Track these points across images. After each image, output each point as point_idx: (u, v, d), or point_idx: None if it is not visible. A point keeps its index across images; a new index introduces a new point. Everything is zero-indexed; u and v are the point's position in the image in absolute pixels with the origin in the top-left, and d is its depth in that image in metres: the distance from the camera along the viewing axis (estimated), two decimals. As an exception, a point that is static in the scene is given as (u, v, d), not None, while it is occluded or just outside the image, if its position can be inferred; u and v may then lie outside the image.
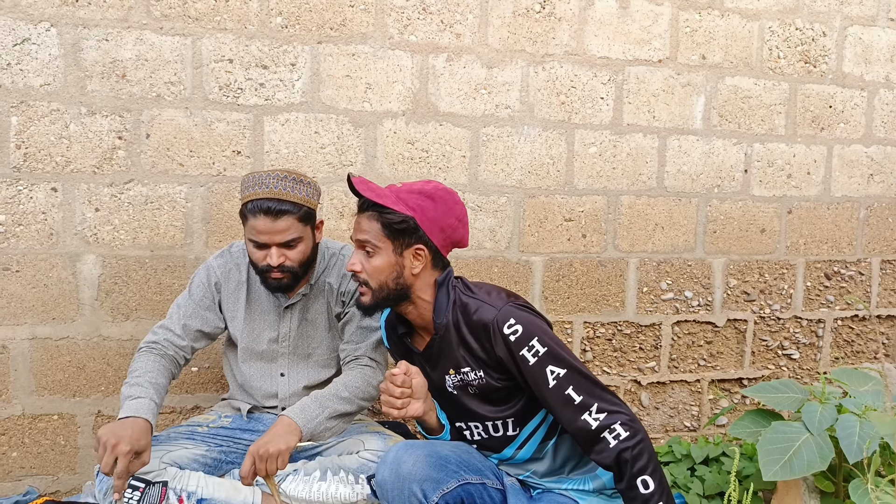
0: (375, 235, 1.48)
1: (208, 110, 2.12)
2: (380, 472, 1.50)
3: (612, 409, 1.41)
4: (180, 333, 1.79)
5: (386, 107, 2.25)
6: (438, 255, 1.52)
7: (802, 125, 2.64)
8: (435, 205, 1.49)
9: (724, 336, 2.66)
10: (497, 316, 1.44)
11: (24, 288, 2.05)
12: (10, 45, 1.97)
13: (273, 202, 1.66)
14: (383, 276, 1.49)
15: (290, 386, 1.86)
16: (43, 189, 2.03)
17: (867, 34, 2.66)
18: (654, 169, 2.50)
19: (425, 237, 1.48)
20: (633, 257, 2.52)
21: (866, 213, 2.75)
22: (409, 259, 1.49)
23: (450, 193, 1.53)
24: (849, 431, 1.52)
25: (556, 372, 1.41)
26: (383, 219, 1.47)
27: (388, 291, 1.50)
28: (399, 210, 1.46)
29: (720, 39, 2.52)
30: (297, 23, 2.16)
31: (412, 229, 1.47)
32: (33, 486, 2.11)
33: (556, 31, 2.36)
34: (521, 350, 1.42)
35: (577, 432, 1.42)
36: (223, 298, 1.85)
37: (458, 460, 1.52)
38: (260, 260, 1.72)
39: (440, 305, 1.52)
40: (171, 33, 2.07)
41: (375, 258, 1.49)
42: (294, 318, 1.85)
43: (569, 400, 1.40)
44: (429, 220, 1.48)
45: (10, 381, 2.06)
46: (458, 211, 1.53)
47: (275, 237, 1.68)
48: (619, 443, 1.37)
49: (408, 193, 1.50)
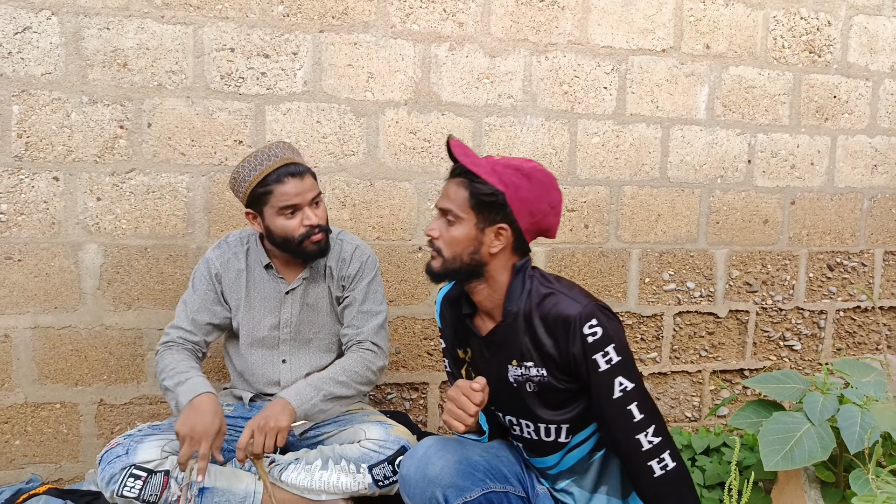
0: (460, 205, 1.39)
1: (210, 99, 2.11)
2: (406, 465, 1.49)
3: (666, 435, 1.37)
4: (191, 329, 1.80)
5: (388, 96, 2.24)
6: (521, 240, 1.42)
7: (806, 115, 2.62)
8: (530, 184, 1.39)
9: (726, 327, 2.66)
10: (581, 312, 1.36)
11: (27, 277, 2.05)
12: (12, 33, 1.97)
13: (292, 165, 1.71)
14: (459, 247, 1.41)
15: (293, 373, 1.86)
16: (45, 178, 2.03)
17: (872, 23, 2.64)
18: (657, 159, 2.49)
19: (512, 216, 1.39)
20: (635, 248, 2.52)
21: (870, 203, 2.74)
22: (489, 236, 1.40)
23: (548, 177, 1.43)
24: (850, 422, 1.52)
25: (625, 385, 1.35)
26: (472, 188, 1.38)
27: (459, 264, 1.42)
28: (491, 182, 1.37)
29: (724, 29, 2.50)
30: (299, 11, 2.15)
31: (499, 205, 1.38)
32: (36, 473, 2.12)
33: (559, 20, 2.35)
34: (596, 354, 1.35)
35: (624, 449, 1.38)
36: (225, 289, 1.85)
37: (486, 467, 1.49)
38: (297, 228, 1.72)
39: (514, 291, 1.43)
40: (172, 22, 2.06)
41: (455, 228, 1.40)
42: (295, 303, 1.86)
43: (629, 416, 1.35)
44: (520, 199, 1.38)
45: (12, 370, 2.07)
46: (554, 197, 1.42)
47: (306, 195, 1.72)
48: (665, 473, 1.35)
49: (504, 167, 1.40)
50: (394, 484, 1.71)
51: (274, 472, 1.72)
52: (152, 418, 2.17)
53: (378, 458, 1.70)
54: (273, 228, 1.74)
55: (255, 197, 1.72)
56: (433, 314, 2.36)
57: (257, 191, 1.71)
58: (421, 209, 2.31)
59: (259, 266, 1.85)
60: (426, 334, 2.37)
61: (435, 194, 2.31)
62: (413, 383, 2.39)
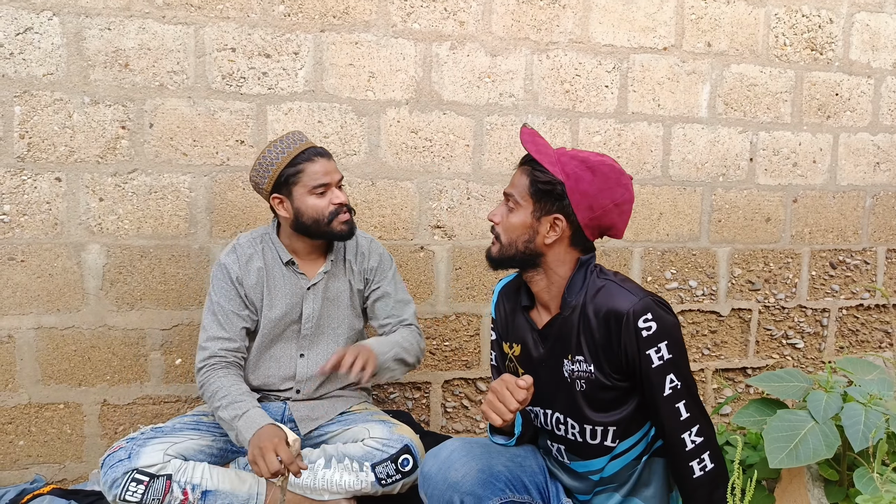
0: (521, 191, 1.39)
1: (211, 99, 2.11)
2: (428, 464, 1.48)
3: (708, 433, 1.37)
4: (229, 336, 1.78)
5: (389, 95, 2.24)
6: (580, 234, 1.39)
7: (808, 113, 2.62)
8: (593, 177, 1.35)
9: (729, 325, 2.65)
10: (635, 306, 1.33)
11: (30, 278, 2.05)
12: (13, 34, 1.97)
13: (319, 147, 1.80)
14: (515, 234, 1.40)
15: (308, 367, 1.86)
16: (47, 179, 2.03)
17: (874, 21, 2.63)
18: (658, 157, 2.49)
19: (569, 208, 1.36)
20: (637, 246, 2.51)
21: (872, 201, 2.73)
22: (545, 226, 1.38)
23: (616, 172, 1.38)
24: (854, 420, 1.52)
25: (675, 383, 1.34)
26: (532, 175, 1.37)
27: (515, 251, 1.41)
28: (551, 170, 1.35)
29: (726, 27, 2.50)
30: (300, 11, 2.15)
31: (557, 195, 1.36)
32: (40, 474, 2.12)
33: (560, 19, 2.35)
34: (649, 349, 1.33)
35: (670, 448, 1.38)
36: (248, 291, 1.83)
37: (508, 476, 1.48)
38: (327, 206, 1.76)
39: (575, 284, 1.41)
40: (173, 22, 2.06)
41: (514, 214, 1.40)
42: (317, 297, 1.86)
43: (677, 413, 1.35)
44: (580, 191, 1.35)
45: (16, 371, 2.07)
46: (618, 195, 1.37)
47: (334, 175, 1.79)
48: (704, 474, 1.36)
49: (570, 158, 1.38)
50: (396, 483, 1.71)
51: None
52: (155, 419, 2.17)
53: (381, 456, 1.70)
54: (304, 209, 1.75)
55: (285, 179, 1.75)
56: (436, 313, 2.36)
57: (287, 171, 1.75)
58: (422, 208, 2.31)
59: (279, 263, 1.84)
60: (429, 333, 2.37)
61: (436, 193, 2.31)
62: (416, 383, 2.39)
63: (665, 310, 1.37)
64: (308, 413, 1.85)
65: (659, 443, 1.46)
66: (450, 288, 2.37)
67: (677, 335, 1.36)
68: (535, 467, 1.57)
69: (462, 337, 2.40)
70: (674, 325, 1.36)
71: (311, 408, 1.86)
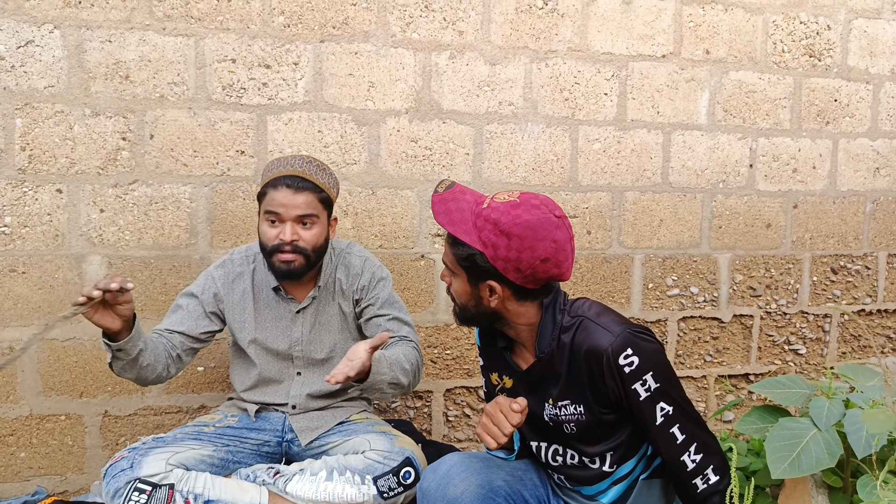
0: (451, 262, 1.37)
1: (212, 110, 2.12)
2: (427, 479, 1.48)
3: (710, 446, 1.36)
4: (168, 328, 1.80)
5: (389, 105, 2.25)
6: (522, 290, 1.34)
7: (808, 119, 2.62)
8: (509, 243, 1.28)
9: (731, 331, 2.65)
10: (613, 344, 1.30)
11: (31, 289, 2.05)
12: (15, 47, 1.98)
13: (297, 179, 1.72)
14: (463, 299, 1.39)
15: (304, 387, 1.86)
16: (48, 190, 2.04)
17: (872, 27, 2.64)
18: (658, 164, 2.49)
19: (499, 274, 1.31)
20: (638, 253, 2.51)
21: (872, 206, 2.73)
22: (484, 291, 1.35)
23: (533, 228, 1.28)
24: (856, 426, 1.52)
25: (666, 409, 1.33)
26: (454, 249, 1.35)
27: (471, 314, 1.40)
28: (469, 242, 1.31)
29: (724, 34, 2.50)
30: (300, 22, 2.15)
31: (480, 265, 1.31)
32: (41, 486, 2.12)
33: (558, 28, 2.36)
34: (635, 384, 1.31)
35: (672, 471, 1.38)
36: (227, 309, 1.83)
37: (508, 491, 1.47)
38: (272, 239, 1.72)
39: (544, 332, 1.37)
40: (173, 34, 2.07)
41: (455, 281, 1.39)
42: (306, 322, 1.85)
43: (672, 438, 1.34)
44: (501, 259, 1.30)
45: (17, 382, 2.07)
46: (543, 250, 1.28)
47: (291, 210, 1.71)
48: (707, 487, 1.35)
49: (484, 221, 1.31)
50: (398, 496, 1.70)
51: (279, 483, 1.71)
52: (156, 429, 2.17)
53: (383, 469, 1.69)
54: (259, 231, 1.77)
55: (259, 195, 1.77)
56: (437, 322, 2.36)
57: (262, 190, 1.76)
58: (423, 217, 2.31)
59: (267, 287, 1.84)
60: (430, 342, 2.36)
61: (437, 202, 2.31)
62: (417, 391, 2.39)
63: (645, 339, 1.34)
64: (308, 424, 1.85)
65: (657, 461, 1.45)
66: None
67: (661, 361, 1.34)
68: (536, 480, 1.56)
69: (463, 345, 2.40)
70: (656, 352, 1.34)
71: (311, 418, 1.86)
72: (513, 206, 1.31)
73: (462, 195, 1.37)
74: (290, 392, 1.86)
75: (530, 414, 1.44)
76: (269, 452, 1.85)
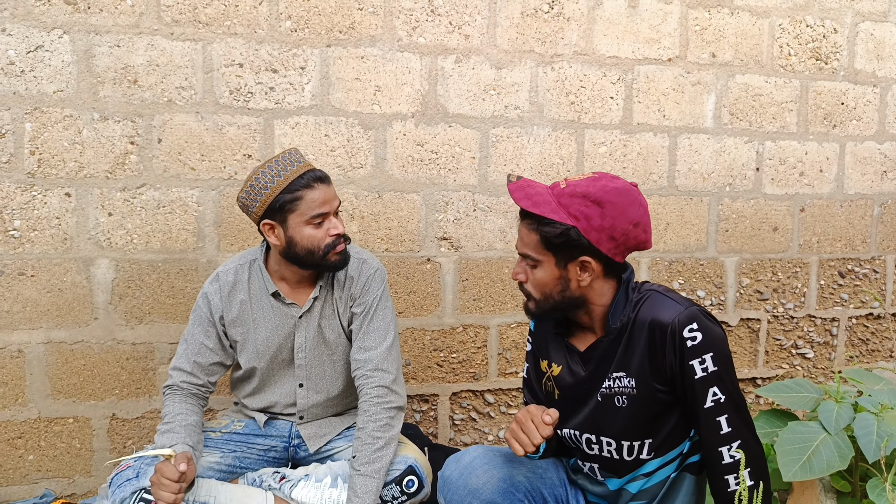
0: (534, 248, 1.34)
1: (219, 114, 2.13)
2: (450, 468, 1.49)
3: (754, 450, 1.34)
4: (192, 371, 1.74)
5: (395, 109, 2.25)
6: (612, 263, 1.35)
7: (814, 122, 2.62)
8: (602, 211, 1.29)
9: (738, 335, 2.64)
10: (679, 315, 1.29)
11: (39, 292, 2.06)
12: (24, 52, 1.99)
13: (318, 171, 1.65)
14: (547, 289, 1.36)
15: (309, 398, 1.83)
16: (57, 194, 2.05)
17: (879, 30, 2.63)
18: (664, 168, 2.49)
19: (591, 247, 1.31)
20: (644, 257, 2.51)
21: (880, 210, 2.72)
22: (574, 271, 1.34)
23: (622, 194, 1.31)
24: (867, 430, 1.51)
25: (718, 396, 1.30)
26: (541, 231, 1.32)
27: (553, 303, 1.37)
28: (558, 220, 1.30)
29: (730, 37, 2.50)
30: (307, 26, 2.17)
31: (573, 240, 1.30)
32: (49, 488, 2.13)
33: (564, 31, 2.36)
34: (693, 360, 1.29)
35: (707, 459, 1.36)
36: (228, 327, 1.77)
37: (528, 487, 1.48)
38: (321, 239, 1.64)
39: (618, 307, 1.37)
40: (181, 38, 2.09)
41: (538, 270, 1.35)
42: (310, 326, 1.78)
43: (717, 427, 1.31)
44: (595, 229, 1.30)
45: (25, 385, 2.08)
46: (634, 213, 1.31)
47: (333, 203, 1.66)
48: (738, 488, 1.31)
49: (570, 197, 1.31)
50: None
51: (284, 488, 1.71)
52: (164, 432, 2.17)
53: (386, 478, 1.69)
54: (297, 239, 1.64)
55: (280, 205, 1.61)
56: (443, 325, 2.36)
57: (283, 197, 1.61)
58: (429, 220, 2.32)
59: (265, 294, 1.76)
60: (436, 346, 2.37)
61: (443, 205, 2.32)
62: (423, 395, 2.39)
63: (711, 321, 1.33)
64: (316, 431, 1.84)
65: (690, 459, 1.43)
66: (457, 299, 2.37)
67: (724, 347, 1.32)
68: (555, 480, 1.56)
69: (469, 349, 2.40)
70: (720, 337, 1.32)
71: (318, 426, 1.85)
72: (594, 179, 1.33)
73: (534, 183, 1.38)
74: (297, 402, 1.83)
75: (578, 397, 1.43)
76: (275, 458, 1.84)
